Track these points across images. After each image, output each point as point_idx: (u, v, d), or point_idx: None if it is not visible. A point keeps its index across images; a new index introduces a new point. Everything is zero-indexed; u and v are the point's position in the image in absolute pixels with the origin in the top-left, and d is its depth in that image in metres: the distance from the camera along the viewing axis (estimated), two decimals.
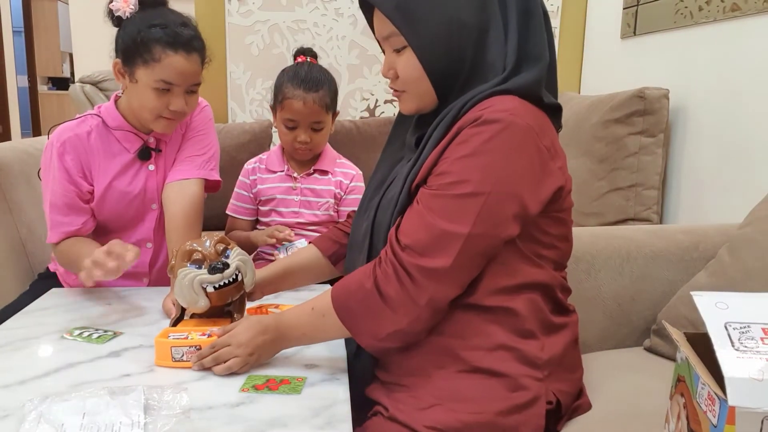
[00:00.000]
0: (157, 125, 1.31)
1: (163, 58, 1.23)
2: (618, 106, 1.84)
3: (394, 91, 1.00)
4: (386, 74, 0.98)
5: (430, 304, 0.87)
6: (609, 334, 1.25)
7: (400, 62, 0.95)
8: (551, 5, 2.44)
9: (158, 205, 1.38)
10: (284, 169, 1.66)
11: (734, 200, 1.60)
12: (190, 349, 0.96)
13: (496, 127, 0.85)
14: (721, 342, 0.63)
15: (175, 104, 1.27)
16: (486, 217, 0.85)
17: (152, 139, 1.36)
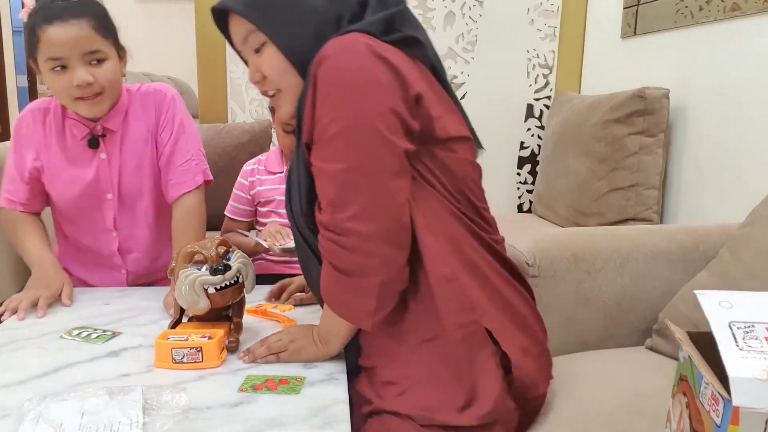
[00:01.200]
0: (79, 108, 1.25)
1: (42, 36, 1.18)
2: (618, 105, 1.84)
3: (270, 97, 0.99)
4: (254, 80, 0.98)
5: (384, 244, 0.86)
6: (609, 333, 1.25)
7: (263, 61, 0.95)
8: (551, 5, 2.44)
9: (114, 195, 1.34)
10: (283, 171, 1.63)
11: (734, 200, 1.60)
12: (190, 351, 0.96)
13: (331, 62, 0.85)
14: (725, 341, 0.63)
15: (77, 78, 1.19)
16: (368, 142, 0.85)
17: (99, 127, 1.31)
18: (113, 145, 1.33)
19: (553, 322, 1.22)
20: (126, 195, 1.36)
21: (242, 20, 0.93)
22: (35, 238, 1.34)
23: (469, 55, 2.46)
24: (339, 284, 0.90)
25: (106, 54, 1.23)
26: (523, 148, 2.54)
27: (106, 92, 1.25)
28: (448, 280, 0.89)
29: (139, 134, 1.35)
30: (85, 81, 1.20)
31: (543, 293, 1.20)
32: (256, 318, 1.20)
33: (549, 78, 2.50)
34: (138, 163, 1.35)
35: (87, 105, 1.24)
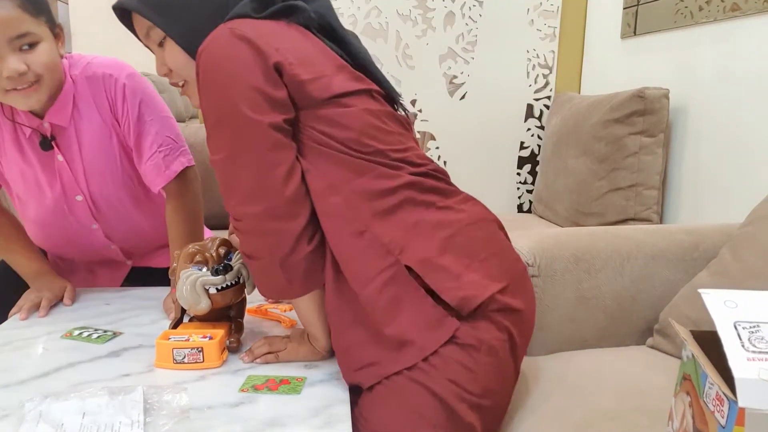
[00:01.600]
0: (13, 101, 1.09)
1: None
2: (618, 106, 1.84)
3: (180, 88, 1.01)
4: (161, 72, 1.00)
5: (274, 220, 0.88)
6: (609, 333, 1.25)
7: (166, 55, 0.97)
8: (551, 5, 2.44)
9: (85, 195, 1.24)
10: None
11: (735, 200, 1.60)
12: (191, 351, 0.96)
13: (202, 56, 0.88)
14: (730, 342, 0.63)
15: (7, 68, 1.03)
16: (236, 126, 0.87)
17: (46, 125, 1.17)
18: (69, 145, 1.19)
19: (553, 322, 1.22)
20: (97, 194, 1.26)
21: (141, 17, 0.96)
22: (25, 250, 1.28)
23: (469, 55, 2.46)
24: (252, 269, 0.94)
25: (39, 36, 1.06)
26: (523, 148, 2.54)
27: (43, 79, 1.08)
28: (360, 233, 0.90)
29: (95, 126, 1.20)
30: (17, 71, 1.03)
31: (543, 293, 1.20)
32: (257, 318, 1.20)
33: (549, 78, 2.50)
34: (103, 160, 1.22)
35: (22, 96, 1.07)
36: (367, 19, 2.41)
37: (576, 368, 1.10)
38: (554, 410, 0.96)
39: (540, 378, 1.07)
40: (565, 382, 1.05)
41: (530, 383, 1.05)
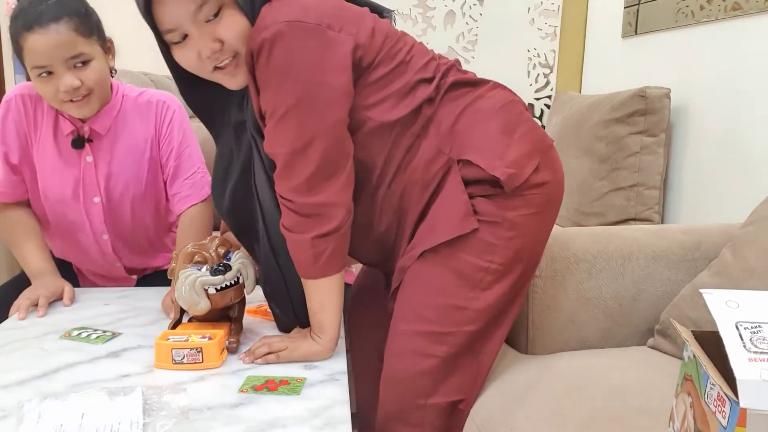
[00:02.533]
0: (70, 110, 1.23)
1: (25, 44, 1.14)
2: (619, 105, 1.84)
3: (224, 66, 0.97)
4: (210, 51, 0.94)
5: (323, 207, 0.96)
6: (610, 334, 1.24)
7: (223, 26, 0.94)
8: (552, 4, 2.44)
9: (102, 198, 1.32)
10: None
11: (736, 200, 1.60)
12: (190, 352, 0.96)
13: (267, 51, 0.90)
14: (732, 342, 0.63)
15: (63, 84, 1.16)
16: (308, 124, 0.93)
17: (86, 128, 1.28)
18: (102, 150, 1.30)
19: (554, 322, 1.22)
20: (114, 201, 1.33)
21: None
22: (34, 247, 1.32)
23: (470, 55, 2.46)
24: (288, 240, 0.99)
25: (91, 54, 1.19)
26: None
27: (94, 92, 1.21)
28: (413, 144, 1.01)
29: (133, 143, 1.32)
30: (72, 86, 1.16)
31: (543, 293, 1.20)
32: (257, 318, 1.19)
33: (549, 77, 2.50)
34: (129, 171, 1.32)
35: (75, 106, 1.21)
36: None
37: (576, 368, 1.10)
38: (554, 410, 0.96)
39: (540, 378, 1.07)
40: (565, 382, 1.04)
41: (531, 383, 1.05)
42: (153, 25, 0.96)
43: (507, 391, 1.04)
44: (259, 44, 0.90)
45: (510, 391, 1.03)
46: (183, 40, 0.95)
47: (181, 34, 0.94)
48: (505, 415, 0.97)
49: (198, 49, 0.94)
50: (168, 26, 0.94)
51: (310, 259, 0.97)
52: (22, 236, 1.33)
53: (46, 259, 1.33)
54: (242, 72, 0.97)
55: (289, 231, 0.98)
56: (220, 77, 0.99)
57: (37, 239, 1.34)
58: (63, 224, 1.35)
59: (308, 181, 0.94)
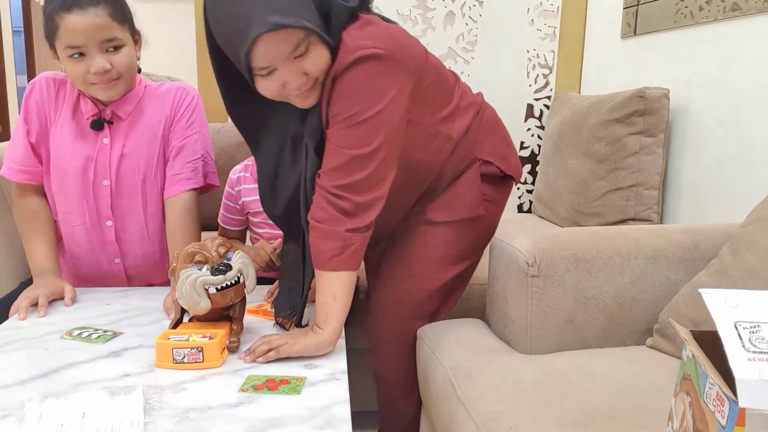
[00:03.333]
0: (96, 92, 1.27)
1: (61, 24, 1.19)
2: (618, 106, 1.84)
3: (301, 94, 1.07)
4: (298, 83, 1.04)
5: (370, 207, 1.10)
6: (609, 334, 1.25)
7: (311, 60, 1.03)
8: (551, 5, 2.44)
9: (112, 181, 1.34)
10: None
11: (735, 200, 1.60)
12: (191, 351, 0.96)
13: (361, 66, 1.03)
14: (731, 342, 0.63)
15: (94, 65, 1.21)
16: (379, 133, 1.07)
17: (108, 112, 1.33)
18: (118, 133, 1.34)
19: (553, 322, 1.22)
20: (123, 185, 1.34)
21: (292, 32, 0.99)
22: (43, 245, 1.33)
23: (469, 55, 2.46)
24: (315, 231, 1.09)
25: (123, 41, 1.25)
26: (523, 148, 2.54)
27: (122, 77, 1.27)
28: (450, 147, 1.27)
29: (149, 127, 1.35)
30: (103, 68, 1.22)
31: (543, 293, 1.20)
32: (257, 318, 1.20)
33: (549, 78, 2.50)
34: (142, 155, 1.34)
35: (103, 89, 1.26)
36: None
37: (576, 368, 1.10)
38: (554, 410, 0.96)
39: (540, 378, 1.07)
40: (564, 381, 1.05)
41: (530, 383, 1.05)
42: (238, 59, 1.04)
43: (507, 390, 1.04)
44: (351, 60, 1.03)
45: (510, 391, 1.04)
46: (269, 73, 1.03)
47: (271, 69, 1.02)
48: (505, 415, 0.97)
49: (284, 81, 1.04)
50: (262, 64, 1.02)
51: (337, 250, 1.07)
52: (34, 230, 1.35)
53: (52, 259, 1.33)
54: (316, 94, 1.08)
55: (319, 222, 1.08)
56: (294, 99, 1.09)
57: (48, 235, 1.35)
58: (68, 208, 1.36)
59: (362, 181, 1.07)
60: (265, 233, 1.53)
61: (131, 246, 1.40)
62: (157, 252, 1.43)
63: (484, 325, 1.35)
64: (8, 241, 1.55)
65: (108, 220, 1.36)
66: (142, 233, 1.39)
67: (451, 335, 1.28)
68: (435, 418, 1.21)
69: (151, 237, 1.40)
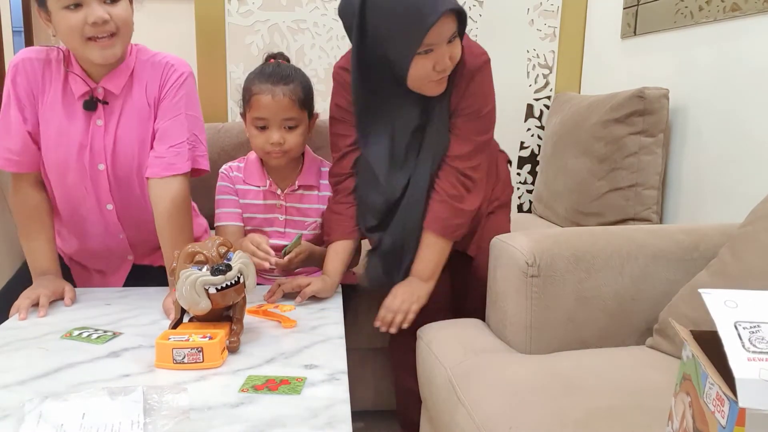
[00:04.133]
0: (92, 52, 1.20)
1: None
2: (618, 106, 1.84)
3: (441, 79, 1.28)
4: (445, 65, 1.25)
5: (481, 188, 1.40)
6: (609, 333, 1.25)
7: (456, 49, 1.26)
8: (551, 5, 2.44)
9: (108, 166, 1.30)
10: (266, 185, 1.47)
11: (734, 200, 1.60)
12: (191, 351, 0.96)
13: (486, 69, 1.36)
14: (731, 342, 0.63)
15: (92, 15, 1.16)
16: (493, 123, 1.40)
17: (101, 90, 1.27)
18: (111, 114, 1.28)
19: (553, 322, 1.22)
20: (120, 168, 1.31)
21: (453, 21, 1.21)
22: (44, 243, 1.30)
23: None
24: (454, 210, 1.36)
25: None
26: (523, 148, 2.54)
27: (119, 33, 1.21)
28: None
29: (140, 104, 1.29)
30: (102, 18, 1.16)
31: (543, 293, 1.21)
32: (257, 318, 1.20)
33: (549, 78, 2.50)
34: (136, 137, 1.29)
35: (99, 47, 1.20)
36: None
37: (575, 368, 1.10)
38: (554, 409, 0.96)
39: (540, 378, 1.07)
40: (564, 381, 1.05)
41: (530, 383, 1.05)
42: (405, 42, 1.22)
43: (507, 390, 1.04)
44: (481, 63, 1.33)
45: (510, 391, 1.04)
46: (427, 53, 1.22)
47: (432, 48, 1.21)
48: (505, 415, 0.97)
49: (436, 61, 1.23)
50: (432, 41, 1.20)
51: (464, 226, 1.37)
52: (35, 229, 1.31)
53: (52, 259, 1.32)
54: (445, 83, 1.30)
55: (457, 201, 1.34)
56: (430, 85, 1.28)
57: (49, 233, 1.32)
58: (65, 195, 1.32)
59: (482, 163, 1.37)
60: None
61: (134, 223, 1.39)
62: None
63: (484, 325, 1.35)
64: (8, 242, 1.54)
65: (108, 203, 1.34)
66: (143, 211, 1.35)
67: (451, 335, 1.29)
68: (435, 418, 1.21)
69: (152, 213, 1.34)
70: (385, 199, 1.37)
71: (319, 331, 1.14)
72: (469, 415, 1.03)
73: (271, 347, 1.06)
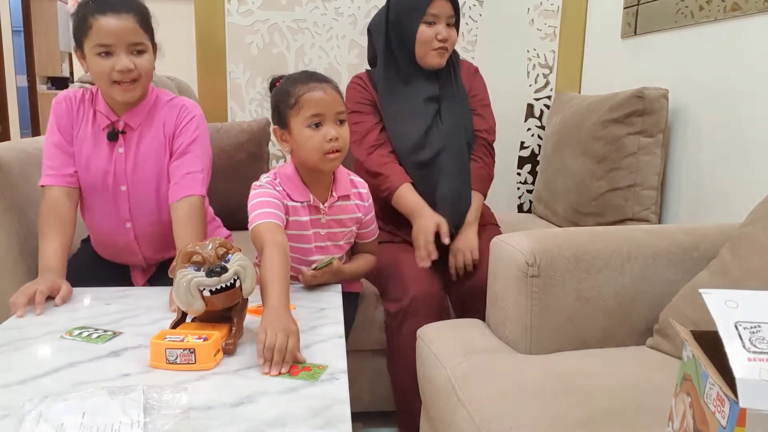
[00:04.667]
0: (115, 93, 1.37)
1: (94, 24, 1.32)
2: (617, 106, 1.84)
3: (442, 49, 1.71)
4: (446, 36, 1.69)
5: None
6: (609, 333, 1.25)
7: (453, 33, 1.72)
8: (551, 5, 2.44)
9: (128, 188, 1.45)
10: (309, 199, 1.38)
11: (733, 201, 1.60)
12: (183, 352, 0.96)
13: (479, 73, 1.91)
14: (731, 342, 0.63)
15: (119, 64, 1.33)
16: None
17: (122, 123, 1.44)
18: (131, 142, 1.44)
19: (553, 322, 1.22)
20: (138, 190, 1.46)
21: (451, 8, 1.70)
22: (57, 245, 1.37)
23: (469, 55, 2.46)
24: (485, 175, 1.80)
25: (146, 47, 1.38)
26: (523, 148, 2.54)
27: (141, 80, 1.38)
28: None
29: (157, 137, 1.45)
30: (127, 67, 1.34)
31: (543, 293, 1.21)
32: (257, 318, 1.19)
33: (549, 78, 2.50)
34: (153, 164, 1.45)
35: (122, 90, 1.37)
36: (367, 19, 2.40)
37: (576, 368, 1.10)
38: (554, 410, 0.96)
39: (540, 378, 1.07)
40: (564, 381, 1.05)
41: (530, 383, 1.05)
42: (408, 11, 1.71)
43: (507, 390, 1.04)
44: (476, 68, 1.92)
45: (510, 391, 1.04)
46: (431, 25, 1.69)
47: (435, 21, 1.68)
48: (505, 415, 0.98)
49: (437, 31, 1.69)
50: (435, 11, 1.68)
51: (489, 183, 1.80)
52: (54, 231, 1.39)
53: (59, 259, 1.36)
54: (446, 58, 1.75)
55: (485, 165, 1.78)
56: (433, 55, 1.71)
57: (63, 240, 1.39)
58: (94, 210, 1.49)
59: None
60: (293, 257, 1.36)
61: (149, 241, 1.52)
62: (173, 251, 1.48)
63: (484, 325, 1.35)
64: (8, 243, 1.54)
65: (127, 222, 1.48)
66: (158, 229, 1.49)
67: (451, 335, 1.29)
68: (435, 418, 1.21)
69: (167, 239, 1.44)
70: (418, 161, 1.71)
71: (319, 331, 1.14)
72: (469, 415, 1.03)
73: None
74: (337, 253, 1.44)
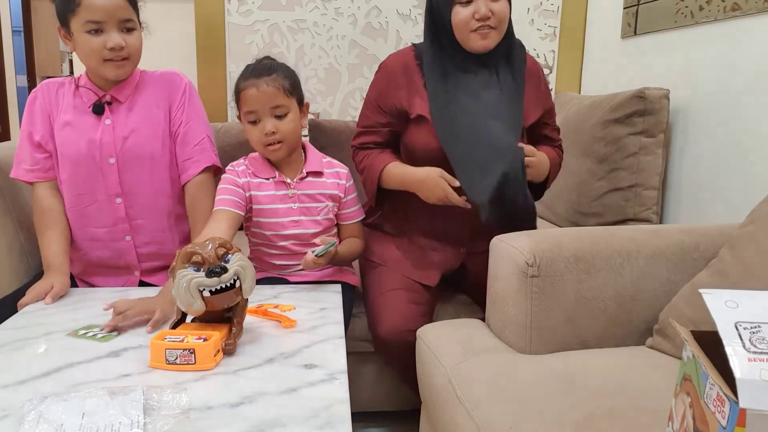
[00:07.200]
0: (107, 70, 1.37)
1: (83, 2, 1.31)
2: (618, 106, 1.84)
3: (484, 28, 1.42)
4: (486, 14, 1.41)
5: None
6: (609, 333, 1.25)
7: (499, 5, 1.42)
8: (551, 5, 2.44)
9: (117, 159, 1.42)
10: (275, 176, 1.48)
11: (734, 201, 1.60)
12: (183, 353, 0.96)
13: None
14: (732, 342, 0.63)
15: (111, 41, 1.33)
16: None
17: (108, 96, 1.42)
18: (118, 114, 1.42)
19: (553, 322, 1.22)
20: (129, 161, 1.42)
21: None
22: (54, 239, 1.40)
23: None
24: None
25: (135, 24, 1.38)
26: None
27: (132, 58, 1.38)
28: None
29: (148, 106, 1.44)
30: (119, 44, 1.33)
31: (543, 293, 1.20)
32: (257, 318, 1.19)
33: (549, 78, 2.50)
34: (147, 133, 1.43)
35: (114, 67, 1.36)
36: (367, 19, 2.41)
37: (576, 368, 1.10)
38: (554, 410, 0.96)
39: (540, 378, 1.07)
40: (564, 381, 1.05)
41: (530, 383, 1.05)
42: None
43: (507, 390, 1.04)
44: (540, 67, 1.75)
45: (510, 391, 1.04)
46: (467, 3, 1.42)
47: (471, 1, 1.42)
48: (505, 415, 0.97)
49: (475, 10, 1.41)
50: None
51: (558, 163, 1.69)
52: (45, 225, 1.42)
53: (60, 254, 1.39)
54: (493, 39, 1.47)
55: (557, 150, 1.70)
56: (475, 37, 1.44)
57: (58, 228, 1.42)
58: (80, 191, 1.43)
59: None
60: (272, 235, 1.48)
61: (141, 222, 1.46)
62: (166, 229, 1.49)
63: (484, 325, 1.35)
64: (8, 243, 1.54)
65: (117, 197, 1.43)
66: (150, 208, 1.46)
67: (451, 335, 1.29)
68: (435, 418, 1.21)
69: (160, 212, 1.47)
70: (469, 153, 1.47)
71: (319, 331, 1.14)
72: (469, 415, 1.03)
73: (271, 347, 1.06)
74: (315, 227, 1.50)
